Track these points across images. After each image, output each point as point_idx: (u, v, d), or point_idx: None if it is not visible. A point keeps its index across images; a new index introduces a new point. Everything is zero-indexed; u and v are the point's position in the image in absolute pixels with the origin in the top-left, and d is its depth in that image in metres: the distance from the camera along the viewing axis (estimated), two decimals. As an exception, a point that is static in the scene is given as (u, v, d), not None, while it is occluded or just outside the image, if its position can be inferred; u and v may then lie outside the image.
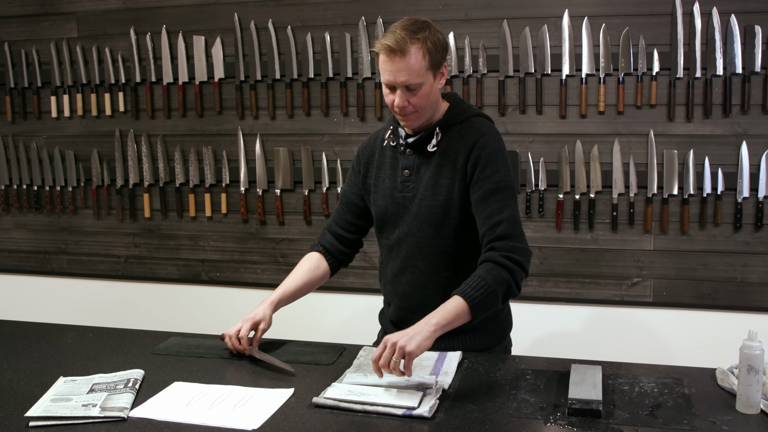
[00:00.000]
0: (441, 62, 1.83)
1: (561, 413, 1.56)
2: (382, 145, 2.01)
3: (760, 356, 1.53)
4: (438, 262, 1.93)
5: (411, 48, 1.75)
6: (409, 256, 1.96)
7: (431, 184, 1.89)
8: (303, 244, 3.28)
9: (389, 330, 2.07)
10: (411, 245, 1.95)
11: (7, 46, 3.49)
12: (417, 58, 1.76)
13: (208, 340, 2.11)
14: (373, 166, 2.01)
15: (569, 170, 2.97)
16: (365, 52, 3.10)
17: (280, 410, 1.60)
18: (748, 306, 2.90)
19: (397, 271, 2.00)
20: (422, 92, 1.80)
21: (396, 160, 1.96)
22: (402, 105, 1.80)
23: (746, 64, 2.79)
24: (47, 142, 3.55)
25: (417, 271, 1.96)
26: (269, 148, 3.28)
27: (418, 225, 1.92)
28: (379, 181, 1.99)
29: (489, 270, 1.74)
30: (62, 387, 1.74)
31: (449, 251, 1.91)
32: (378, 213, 2.00)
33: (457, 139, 1.88)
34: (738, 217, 2.85)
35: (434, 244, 1.92)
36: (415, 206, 1.92)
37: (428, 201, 1.89)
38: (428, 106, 1.85)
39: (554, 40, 2.94)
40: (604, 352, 2.73)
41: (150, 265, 3.51)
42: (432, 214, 1.89)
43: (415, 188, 1.92)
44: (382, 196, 1.98)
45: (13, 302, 3.68)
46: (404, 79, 1.77)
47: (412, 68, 1.76)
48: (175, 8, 3.30)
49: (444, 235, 1.90)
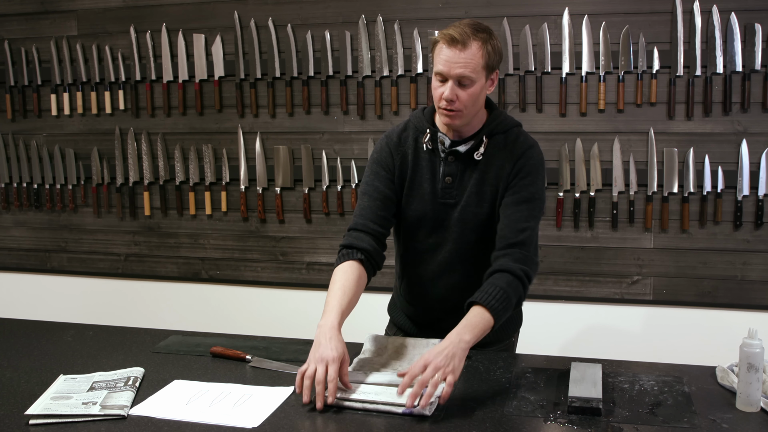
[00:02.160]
0: (494, 68, 1.84)
1: (561, 411, 1.56)
2: (415, 147, 1.96)
3: (760, 354, 1.53)
4: (477, 265, 1.92)
5: (472, 43, 1.76)
6: (448, 261, 1.96)
7: (475, 191, 1.90)
8: (303, 242, 3.28)
9: (405, 326, 2.12)
10: (450, 250, 1.95)
11: (7, 44, 3.49)
12: (476, 55, 1.76)
13: (208, 339, 2.11)
14: (408, 168, 1.95)
15: (569, 168, 2.97)
16: (365, 50, 3.09)
17: (280, 408, 1.60)
18: (748, 304, 2.91)
19: (432, 276, 2.00)
20: (472, 90, 1.79)
21: (434, 164, 1.93)
22: (450, 98, 1.79)
23: (746, 62, 2.79)
24: (47, 140, 3.55)
25: (456, 275, 1.97)
26: (269, 146, 3.28)
27: (459, 231, 1.92)
28: (415, 184, 1.95)
29: (509, 282, 1.77)
30: (62, 385, 1.74)
31: (488, 254, 1.89)
32: (415, 217, 1.96)
33: (501, 148, 1.90)
34: (738, 215, 2.85)
35: (475, 249, 1.93)
36: (457, 213, 1.92)
37: (473, 208, 1.90)
38: (473, 109, 1.84)
39: (554, 38, 2.94)
40: (604, 350, 2.74)
41: (150, 263, 3.51)
42: (476, 221, 1.91)
43: (458, 195, 1.91)
44: (420, 201, 1.95)
45: (14, 300, 3.68)
46: (459, 72, 1.77)
47: (469, 63, 1.76)
48: (175, 6, 3.30)
49: (484, 239, 1.91)
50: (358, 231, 1.92)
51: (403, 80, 3.10)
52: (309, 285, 3.32)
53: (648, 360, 1.93)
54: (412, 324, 2.12)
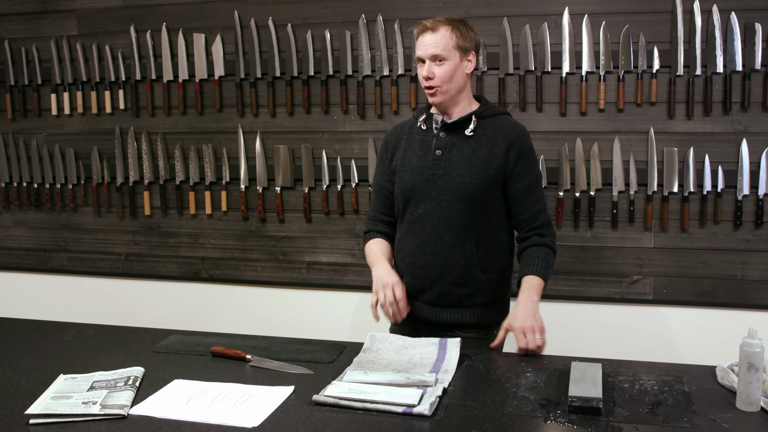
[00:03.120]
0: (469, 49, 2.11)
1: (561, 411, 1.56)
2: (411, 130, 2.23)
3: (760, 354, 1.53)
4: (463, 235, 2.13)
5: (441, 27, 2.06)
6: (435, 229, 2.14)
7: (465, 164, 2.11)
8: (303, 241, 3.29)
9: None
10: (438, 218, 2.14)
11: (7, 44, 3.49)
12: (445, 36, 2.06)
13: (208, 338, 2.11)
14: (401, 148, 2.22)
15: (569, 168, 2.97)
16: (365, 49, 3.09)
17: (280, 408, 1.60)
18: (748, 303, 2.90)
19: (420, 243, 2.17)
20: (447, 68, 2.06)
21: (427, 141, 2.18)
22: (428, 76, 2.06)
23: (746, 62, 2.79)
24: (47, 140, 3.55)
25: (442, 242, 2.14)
26: (269, 146, 3.28)
27: (448, 199, 2.12)
28: (406, 161, 2.19)
29: (547, 253, 2.13)
30: (62, 384, 1.74)
31: (474, 225, 2.13)
32: (404, 188, 2.18)
33: (492, 129, 2.14)
34: (738, 215, 2.85)
35: (462, 218, 2.12)
36: (446, 182, 2.12)
37: (461, 178, 2.10)
38: (451, 85, 2.09)
39: (554, 38, 2.94)
40: (604, 349, 2.74)
41: (150, 262, 3.51)
42: (464, 190, 2.10)
43: (446, 166, 2.12)
44: (410, 173, 2.17)
45: (14, 300, 3.68)
46: (432, 51, 2.05)
47: (439, 43, 2.05)
48: (176, 6, 3.30)
49: (473, 210, 2.12)
50: (371, 220, 2.32)
51: (403, 80, 3.10)
52: (309, 285, 3.32)
53: (648, 359, 1.94)
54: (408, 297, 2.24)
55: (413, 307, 2.19)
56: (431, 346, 1.93)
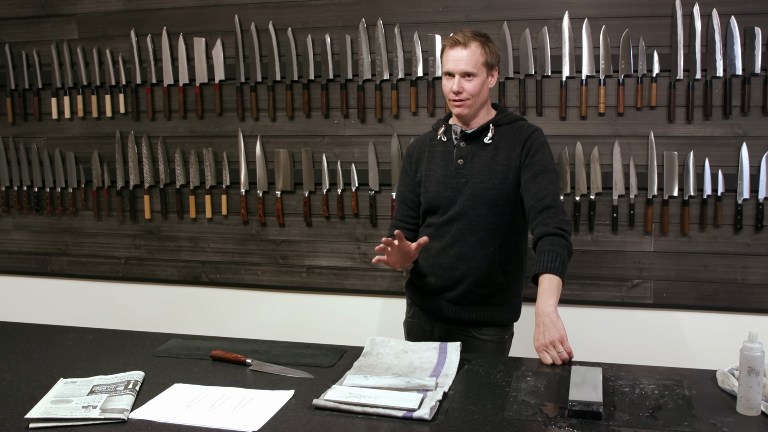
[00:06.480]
0: (493, 65, 2.24)
1: (561, 415, 1.56)
2: (432, 142, 2.35)
3: (760, 358, 1.53)
4: (486, 238, 2.23)
5: (472, 43, 2.17)
6: (460, 232, 2.25)
7: (486, 170, 2.22)
8: (303, 245, 3.29)
9: (420, 299, 2.39)
10: (463, 223, 2.24)
11: (7, 48, 3.50)
12: (476, 53, 2.17)
13: (208, 342, 2.11)
14: (424, 160, 2.34)
15: (569, 172, 2.97)
16: (365, 53, 3.10)
17: (281, 412, 1.60)
18: (749, 307, 2.90)
19: (445, 246, 2.28)
20: (475, 83, 2.18)
21: (448, 152, 2.29)
22: (458, 90, 2.17)
23: (746, 66, 2.79)
24: (48, 144, 3.55)
25: (466, 245, 2.25)
26: (269, 150, 3.28)
27: (471, 205, 2.22)
28: (430, 172, 2.31)
29: (552, 242, 2.04)
30: (62, 388, 1.74)
31: (497, 228, 2.23)
32: (431, 198, 2.29)
33: (509, 135, 2.24)
34: (738, 219, 2.85)
35: (485, 222, 2.22)
36: (469, 189, 2.22)
37: (483, 183, 2.21)
38: (477, 99, 2.21)
39: (554, 42, 2.95)
40: (605, 353, 2.73)
41: (150, 266, 3.51)
42: (486, 195, 2.21)
43: (469, 174, 2.23)
44: (435, 183, 2.28)
45: (14, 304, 3.68)
46: (463, 68, 2.16)
47: (470, 59, 2.16)
48: (176, 10, 3.31)
49: (495, 214, 2.22)
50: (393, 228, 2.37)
51: (403, 84, 3.10)
52: (309, 288, 3.32)
53: (648, 363, 1.94)
54: (425, 295, 2.37)
55: (435, 305, 2.33)
56: (431, 351, 1.93)
